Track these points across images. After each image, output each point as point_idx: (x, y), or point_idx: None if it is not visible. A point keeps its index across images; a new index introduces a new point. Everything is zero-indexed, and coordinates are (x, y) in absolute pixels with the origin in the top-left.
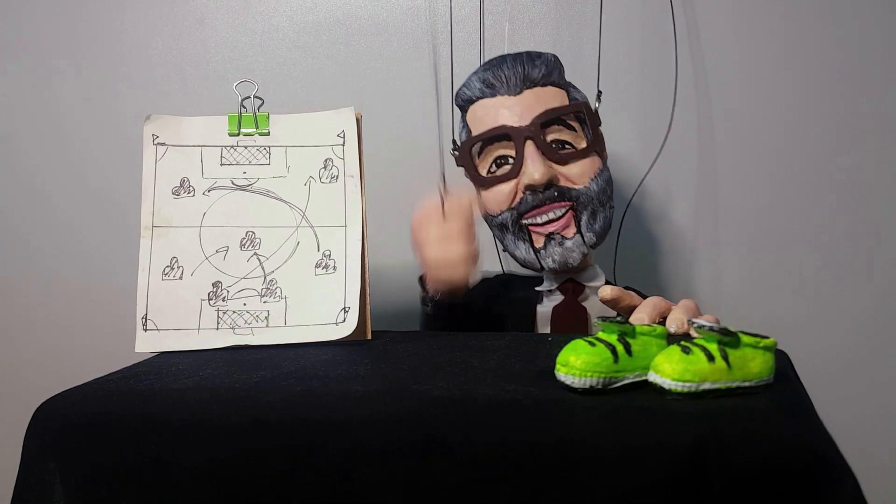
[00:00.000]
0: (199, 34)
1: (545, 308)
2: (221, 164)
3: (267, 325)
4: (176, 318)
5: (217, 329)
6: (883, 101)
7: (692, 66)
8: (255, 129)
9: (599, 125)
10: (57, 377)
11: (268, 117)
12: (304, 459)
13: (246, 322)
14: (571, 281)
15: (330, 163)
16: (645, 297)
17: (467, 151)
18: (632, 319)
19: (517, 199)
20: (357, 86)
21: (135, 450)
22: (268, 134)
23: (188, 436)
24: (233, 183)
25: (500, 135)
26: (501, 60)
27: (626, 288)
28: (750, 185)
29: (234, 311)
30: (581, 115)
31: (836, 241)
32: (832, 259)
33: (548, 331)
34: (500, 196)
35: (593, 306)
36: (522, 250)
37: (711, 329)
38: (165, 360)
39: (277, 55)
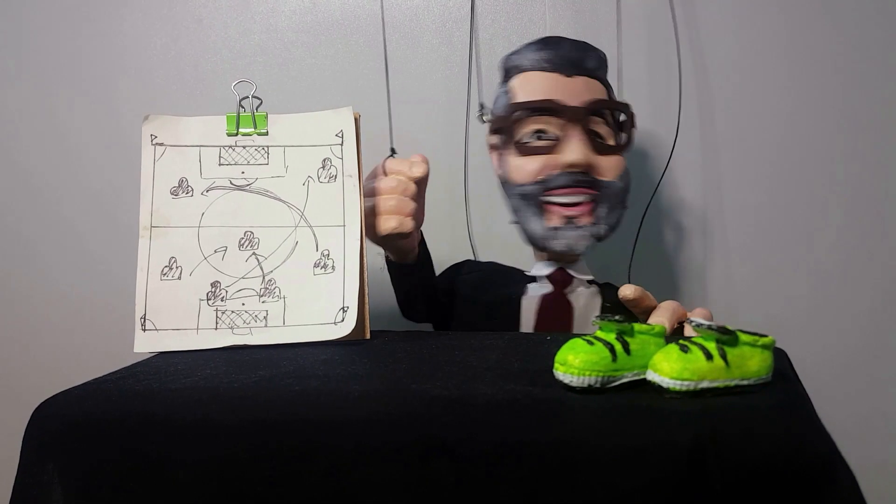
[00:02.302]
0: (197, 34)
1: (529, 299)
2: (220, 164)
3: (266, 325)
4: (174, 318)
5: (216, 329)
6: (885, 101)
7: (694, 67)
8: (253, 129)
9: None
10: (55, 377)
11: (266, 117)
12: (303, 459)
13: (244, 322)
14: (562, 270)
15: (328, 162)
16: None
17: (510, 115)
18: (650, 322)
19: (546, 175)
20: (356, 85)
21: (134, 450)
22: (266, 134)
23: (187, 436)
24: (231, 183)
25: (549, 108)
26: (560, 40)
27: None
28: (748, 183)
29: (232, 311)
30: (620, 114)
31: (836, 239)
32: (832, 257)
33: (531, 322)
34: (531, 167)
35: (578, 299)
36: (536, 226)
37: (710, 327)
38: (164, 360)
39: (276, 55)
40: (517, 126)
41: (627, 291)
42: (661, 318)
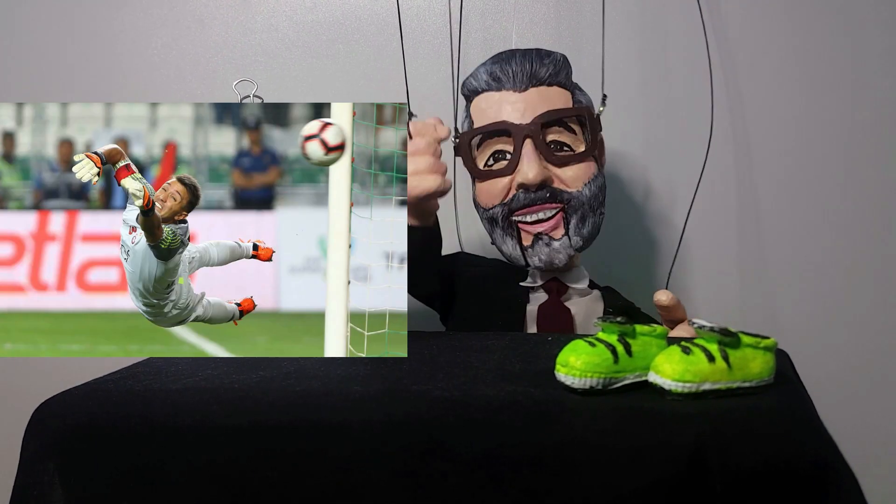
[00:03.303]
0: (198, 34)
1: (532, 307)
2: None
3: None
4: None
5: None
6: (887, 103)
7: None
8: None
9: (600, 131)
10: (56, 378)
11: None
12: (304, 461)
13: None
14: (556, 280)
15: None
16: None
17: (467, 143)
18: (673, 334)
19: (510, 196)
20: (355, 85)
21: (134, 450)
22: None
23: (188, 437)
24: None
25: (501, 130)
26: (510, 55)
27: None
28: (751, 185)
29: None
30: (583, 118)
31: (838, 241)
32: (834, 258)
33: (534, 329)
34: (494, 190)
35: (576, 306)
36: (510, 246)
37: (712, 329)
38: (164, 360)
39: (277, 55)
40: (477, 151)
41: (662, 297)
42: (684, 332)
